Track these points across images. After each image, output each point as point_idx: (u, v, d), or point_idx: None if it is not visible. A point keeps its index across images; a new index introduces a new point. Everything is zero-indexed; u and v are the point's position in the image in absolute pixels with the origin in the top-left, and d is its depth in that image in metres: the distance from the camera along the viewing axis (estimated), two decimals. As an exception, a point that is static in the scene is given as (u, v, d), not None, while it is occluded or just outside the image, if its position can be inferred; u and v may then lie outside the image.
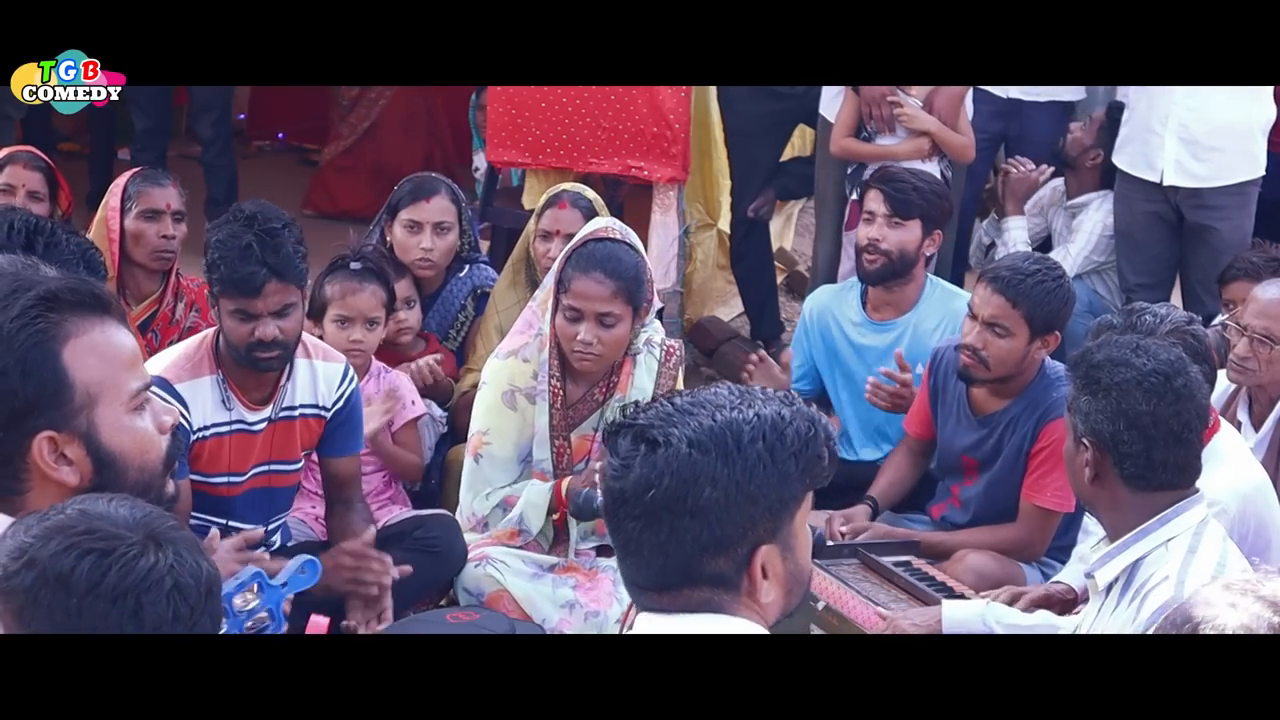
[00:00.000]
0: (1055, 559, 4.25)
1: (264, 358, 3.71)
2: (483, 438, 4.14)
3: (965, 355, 4.20)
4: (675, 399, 1.92)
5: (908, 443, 4.59)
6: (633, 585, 1.94)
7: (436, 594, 4.14)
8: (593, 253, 4.03)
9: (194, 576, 1.75)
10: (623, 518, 1.89)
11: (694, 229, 6.37)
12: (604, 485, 1.91)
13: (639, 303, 4.05)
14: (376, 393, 4.49)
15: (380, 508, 4.38)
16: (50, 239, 3.67)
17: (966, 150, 5.51)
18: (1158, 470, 2.88)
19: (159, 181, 4.78)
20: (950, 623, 3.55)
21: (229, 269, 3.64)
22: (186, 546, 1.77)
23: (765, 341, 6.47)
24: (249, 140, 9.69)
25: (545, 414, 4.10)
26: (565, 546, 4.18)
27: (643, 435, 1.87)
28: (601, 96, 5.73)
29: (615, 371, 4.15)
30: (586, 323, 3.99)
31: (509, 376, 4.13)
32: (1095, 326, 3.90)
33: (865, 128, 5.52)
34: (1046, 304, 4.11)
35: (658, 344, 4.21)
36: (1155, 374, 2.89)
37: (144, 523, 1.77)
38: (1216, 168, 5.54)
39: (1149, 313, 3.80)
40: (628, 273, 4.00)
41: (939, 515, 4.44)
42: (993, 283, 4.15)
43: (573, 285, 4.00)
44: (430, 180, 5.01)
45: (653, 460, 1.86)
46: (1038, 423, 4.17)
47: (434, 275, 4.98)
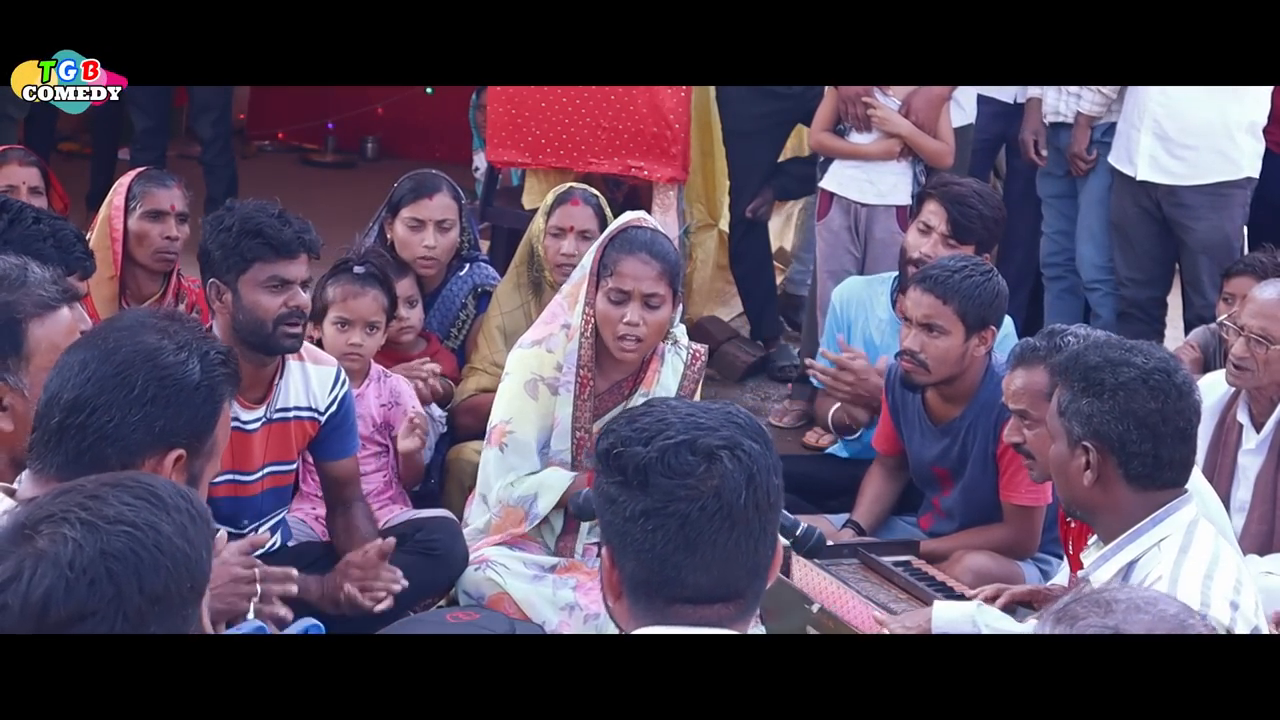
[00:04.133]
0: (1051, 553, 4.25)
1: (292, 331, 3.72)
2: (505, 426, 4.14)
3: (905, 360, 4.24)
4: (637, 417, 1.95)
5: (881, 460, 4.60)
6: (684, 603, 1.91)
7: (436, 597, 4.13)
8: (635, 237, 4.09)
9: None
10: (708, 530, 1.88)
11: (694, 229, 6.38)
12: (671, 509, 1.89)
13: (678, 288, 4.12)
14: (377, 396, 4.49)
15: (380, 507, 4.38)
16: (16, 216, 3.70)
17: (943, 155, 5.50)
18: (1164, 468, 2.88)
19: (164, 182, 4.79)
20: (940, 623, 3.55)
21: (271, 233, 3.67)
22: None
23: (765, 342, 6.48)
24: (249, 140, 9.70)
25: (569, 405, 4.12)
26: (573, 540, 4.18)
27: (695, 448, 1.90)
28: (601, 96, 5.73)
29: (643, 367, 4.18)
30: (633, 304, 4.03)
31: (533, 365, 4.15)
32: (1018, 351, 3.75)
33: (843, 123, 5.56)
34: (977, 298, 4.14)
35: (684, 346, 4.25)
36: (1158, 371, 2.88)
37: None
38: (1190, 166, 5.55)
39: (1070, 334, 3.74)
40: (670, 256, 4.09)
41: (928, 527, 4.45)
42: (921, 283, 4.19)
43: (619, 267, 4.04)
44: (431, 177, 5.01)
45: (724, 468, 1.89)
46: (995, 422, 4.16)
47: (436, 273, 4.98)
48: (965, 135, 5.77)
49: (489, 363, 4.77)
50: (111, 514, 1.75)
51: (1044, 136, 6.03)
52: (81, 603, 1.70)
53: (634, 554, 1.90)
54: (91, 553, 1.71)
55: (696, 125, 6.09)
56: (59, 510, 1.76)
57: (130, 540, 1.74)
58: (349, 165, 9.59)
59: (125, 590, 1.71)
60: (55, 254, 3.72)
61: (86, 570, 1.70)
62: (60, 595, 1.69)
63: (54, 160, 6.97)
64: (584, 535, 4.19)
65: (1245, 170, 5.56)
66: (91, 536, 1.72)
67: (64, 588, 1.70)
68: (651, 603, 1.92)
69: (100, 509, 1.76)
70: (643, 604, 1.92)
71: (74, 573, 1.70)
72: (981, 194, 4.91)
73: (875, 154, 5.47)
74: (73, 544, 1.71)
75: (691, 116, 5.92)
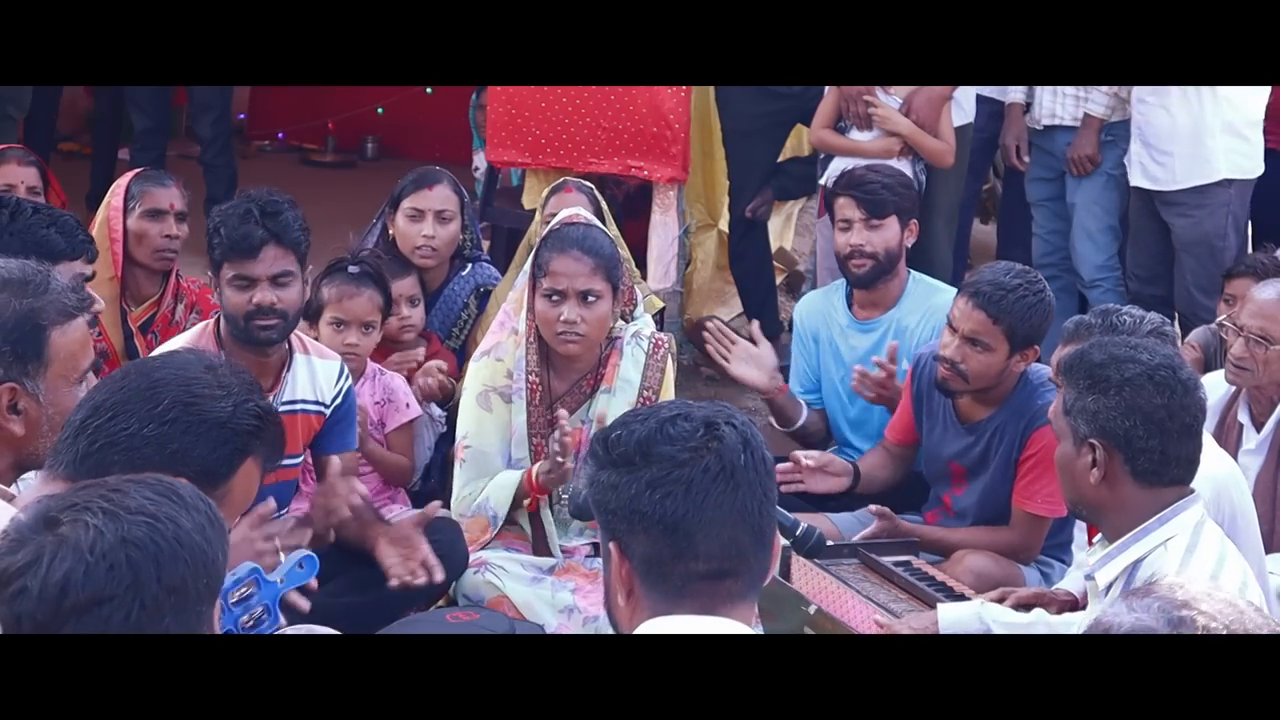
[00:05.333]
0: (1053, 556, 4.25)
1: (262, 326, 3.74)
2: (463, 442, 4.18)
3: (943, 368, 4.19)
4: (625, 415, 2.05)
5: (886, 445, 4.59)
6: (699, 579, 1.95)
7: (436, 597, 4.13)
8: (567, 234, 4.10)
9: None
10: (714, 491, 1.94)
11: (694, 229, 6.38)
12: (675, 475, 1.94)
13: (617, 281, 4.09)
14: (372, 394, 4.49)
15: (380, 507, 4.37)
16: (15, 210, 3.76)
17: (943, 155, 5.52)
18: (1171, 465, 2.88)
19: (163, 182, 4.79)
20: (947, 625, 3.55)
21: (228, 231, 3.73)
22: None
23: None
24: (249, 140, 9.70)
25: (523, 412, 4.12)
26: (544, 541, 4.17)
27: (690, 418, 1.99)
28: (601, 96, 5.73)
29: (602, 363, 4.17)
30: (569, 302, 4.03)
31: (483, 377, 4.16)
32: (1073, 327, 3.87)
33: (843, 120, 5.58)
34: (1027, 320, 4.08)
35: (646, 336, 4.23)
36: (1163, 367, 2.89)
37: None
38: (1168, 171, 5.62)
39: (1126, 314, 3.81)
40: (604, 250, 4.07)
41: (933, 523, 4.42)
42: (974, 297, 4.11)
43: (551, 266, 4.04)
44: (433, 171, 5.04)
45: (722, 431, 1.97)
46: (1025, 430, 4.16)
47: (435, 265, 4.98)
48: (965, 135, 5.77)
49: (488, 360, 4.78)
50: (133, 505, 1.78)
51: (1025, 141, 6.05)
52: (99, 587, 1.72)
53: (643, 531, 1.94)
54: (112, 539, 1.74)
55: (696, 125, 6.09)
56: (82, 500, 1.79)
57: (150, 530, 1.76)
58: (349, 165, 9.58)
59: (143, 578, 1.74)
60: (61, 240, 3.76)
61: (106, 555, 1.73)
62: (79, 579, 1.72)
63: (54, 160, 6.98)
64: (553, 533, 4.18)
65: (1222, 172, 5.59)
66: (112, 524, 1.75)
67: (83, 571, 1.72)
68: (667, 583, 1.94)
69: (122, 500, 1.79)
70: (658, 589, 1.95)
71: (93, 557, 1.73)
72: (875, 168, 4.97)
73: (875, 152, 5.47)
74: (94, 530, 1.74)
75: (691, 116, 5.92)
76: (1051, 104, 5.95)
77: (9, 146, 5.26)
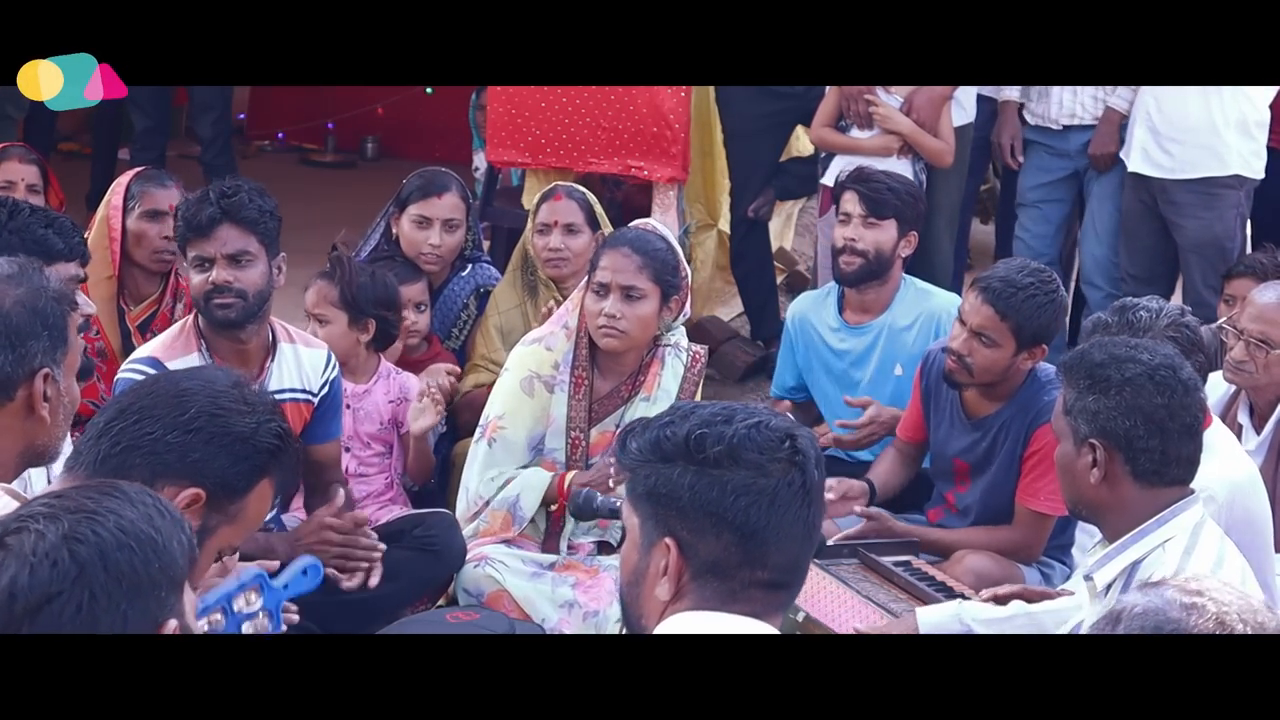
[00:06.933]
0: (1054, 558, 4.25)
1: (220, 304, 3.74)
2: (498, 422, 4.16)
3: (950, 360, 4.19)
4: (689, 410, 2.01)
5: (898, 445, 4.59)
6: (758, 587, 1.95)
7: (435, 593, 4.14)
8: (623, 234, 4.21)
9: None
10: (792, 506, 1.95)
11: (694, 229, 6.37)
12: (761, 484, 1.93)
13: (667, 285, 4.11)
14: (385, 393, 4.49)
15: (381, 508, 4.38)
16: (13, 210, 3.77)
17: (943, 154, 5.52)
18: (1171, 465, 2.87)
19: (162, 182, 4.78)
20: (926, 627, 3.55)
21: (184, 212, 3.79)
22: None
23: (765, 342, 6.47)
24: (249, 140, 9.70)
25: (564, 404, 4.14)
26: (557, 540, 4.18)
27: (773, 427, 1.98)
28: (601, 96, 5.73)
29: (643, 370, 4.19)
30: (612, 296, 4.06)
31: (531, 363, 4.18)
32: (1090, 325, 3.88)
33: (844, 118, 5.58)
34: (1036, 318, 4.06)
35: (684, 348, 4.25)
36: (1163, 367, 2.89)
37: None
38: (1176, 160, 5.56)
39: (1142, 308, 3.79)
40: (656, 251, 4.11)
41: (935, 521, 4.42)
42: (984, 293, 4.10)
43: (600, 261, 4.12)
44: (441, 176, 5.01)
45: (803, 444, 1.97)
46: (1029, 427, 4.15)
47: (439, 271, 4.98)
48: (965, 134, 5.77)
49: (487, 360, 4.79)
50: (72, 505, 1.79)
51: (1020, 140, 6.03)
52: (45, 584, 1.73)
53: (714, 533, 1.92)
54: (53, 539, 1.75)
55: (696, 125, 6.09)
56: (27, 512, 1.80)
57: (90, 523, 1.77)
58: (349, 165, 9.59)
59: (88, 570, 1.74)
60: (59, 241, 3.77)
61: (49, 554, 1.74)
62: (25, 581, 1.73)
63: (54, 160, 6.97)
64: (567, 534, 4.20)
65: (1233, 167, 5.56)
66: (53, 525, 1.76)
67: (28, 573, 1.73)
68: (724, 585, 1.94)
69: (62, 503, 1.80)
70: (711, 587, 1.94)
71: (36, 558, 1.74)
72: (889, 173, 4.99)
73: (873, 150, 5.47)
74: (35, 534, 1.75)
75: (691, 116, 5.92)
76: (1072, 104, 5.89)
77: (11, 144, 5.27)
